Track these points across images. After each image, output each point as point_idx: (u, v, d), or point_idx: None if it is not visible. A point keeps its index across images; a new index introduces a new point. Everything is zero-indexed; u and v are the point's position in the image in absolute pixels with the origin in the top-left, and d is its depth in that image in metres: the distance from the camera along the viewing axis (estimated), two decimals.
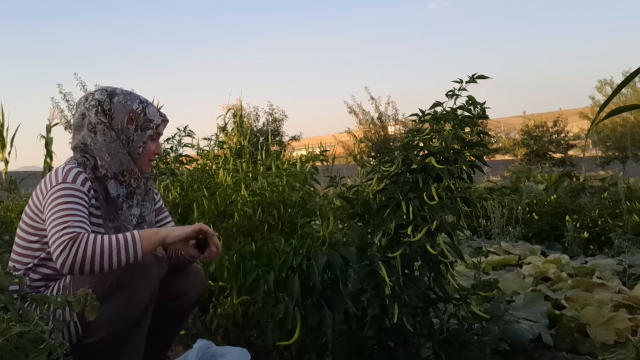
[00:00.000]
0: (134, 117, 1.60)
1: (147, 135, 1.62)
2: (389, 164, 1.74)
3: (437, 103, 1.76)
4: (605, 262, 3.24)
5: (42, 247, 1.52)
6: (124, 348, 1.52)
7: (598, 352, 2.07)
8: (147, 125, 1.62)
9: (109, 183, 1.57)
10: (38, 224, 1.52)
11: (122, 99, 1.60)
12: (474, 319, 1.83)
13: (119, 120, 1.59)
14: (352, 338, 1.77)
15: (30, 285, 1.51)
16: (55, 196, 1.47)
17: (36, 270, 1.53)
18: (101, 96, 1.59)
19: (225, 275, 2.09)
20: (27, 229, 1.55)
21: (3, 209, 4.59)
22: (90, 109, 1.58)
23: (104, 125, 1.57)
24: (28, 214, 1.55)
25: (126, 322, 1.48)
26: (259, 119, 18.75)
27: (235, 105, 3.65)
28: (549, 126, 25.34)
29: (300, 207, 2.30)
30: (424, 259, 1.71)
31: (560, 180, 8.91)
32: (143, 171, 1.66)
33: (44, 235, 1.49)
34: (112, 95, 1.60)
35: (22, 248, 1.55)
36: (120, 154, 1.57)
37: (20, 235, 1.56)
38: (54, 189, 1.48)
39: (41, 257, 1.53)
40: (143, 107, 1.62)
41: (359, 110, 22.61)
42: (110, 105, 1.59)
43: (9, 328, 0.99)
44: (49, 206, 1.46)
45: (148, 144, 1.63)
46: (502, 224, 4.81)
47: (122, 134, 1.59)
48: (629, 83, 1.46)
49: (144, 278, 1.48)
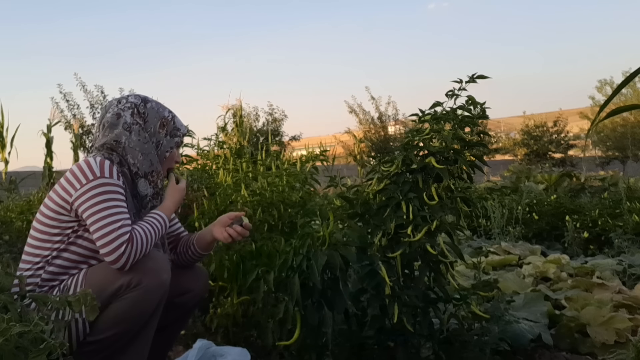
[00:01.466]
0: (165, 123, 1.71)
1: (174, 141, 1.74)
2: (389, 164, 1.74)
3: (437, 103, 1.76)
4: (605, 262, 3.24)
5: (62, 240, 1.55)
6: (130, 347, 1.54)
7: (598, 352, 2.07)
8: (175, 132, 1.74)
9: (140, 181, 1.65)
10: (63, 216, 1.54)
11: (155, 106, 1.71)
12: (474, 319, 1.83)
13: (152, 124, 1.68)
14: (352, 338, 1.77)
15: (44, 277, 1.53)
16: (96, 192, 1.50)
17: (52, 263, 1.54)
18: (136, 100, 1.69)
19: (225, 275, 2.09)
20: (48, 222, 1.55)
21: (3, 209, 4.59)
22: (126, 110, 1.66)
23: (139, 127, 1.66)
24: (50, 207, 1.55)
25: (134, 322, 1.50)
26: (259, 119, 18.72)
27: (235, 105, 3.65)
28: (549, 126, 25.33)
29: (300, 207, 2.30)
30: (424, 259, 1.71)
31: (560, 180, 8.91)
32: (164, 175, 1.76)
33: (68, 227, 1.54)
34: (146, 101, 1.71)
35: (40, 241, 1.56)
36: (152, 155, 1.67)
37: (38, 228, 1.57)
38: (92, 184, 1.50)
39: (60, 249, 1.55)
40: (172, 116, 1.74)
41: (359, 110, 22.60)
42: (145, 110, 1.68)
43: (9, 328, 0.99)
44: (90, 203, 1.48)
45: (174, 150, 1.74)
46: (502, 224, 4.80)
47: (154, 137, 1.69)
48: (629, 83, 1.46)
49: (155, 280, 1.51)
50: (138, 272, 1.48)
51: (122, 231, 1.48)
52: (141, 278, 1.48)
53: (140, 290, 1.48)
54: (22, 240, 3.88)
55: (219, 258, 2.12)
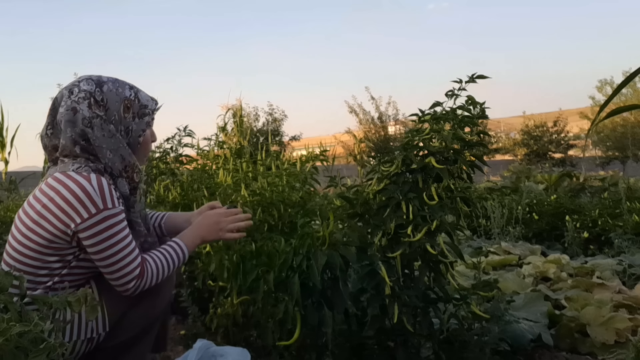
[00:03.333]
0: (129, 105, 1.46)
1: (144, 122, 1.51)
2: (389, 164, 1.74)
3: (437, 103, 1.76)
4: (605, 262, 3.24)
5: (63, 266, 1.41)
6: (133, 348, 1.54)
7: (598, 352, 2.07)
8: (143, 111, 1.50)
9: (119, 181, 1.46)
10: (60, 244, 1.38)
11: (113, 87, 1.45)
12: (474, 319, 1.83)
13: (115, 111, 1.43)
14: (352, 338, 1.77)
15: None
16: (101, 227, 1.35)
17: (54, 288, 1.41)
18: (89, 86, 1.42)
19: (225, 275, 2.09)
20: (44, 250, 1.38)
21: (3, 209, 4.59)
22: (81, 101, 1.40)
23: (100, 119, 1.41)
24: (40, 234, 1.37)
25: (139, 329, 1.52)
26: (259, 119, 18.75)
27: (235, 105, 3.65)
28: (549, 126, 25.36)
29: (300, 207, 2.30)
30: (424, 259, 1.70)
31: (560, 180, 8.91)
32: (141, 163, 1.57)
33: (68, 254, 1.40)
34: (100, 83, 1.43)
35: (37, 268, 1.39)
36: (122, 148, 1.44)
37: (31, 256, 1.38)
38: (96, 218, 1.34)
39: (62, 274, 1.42)
40: (134, 92, 1.49)
41: (359, 110, 22.64)
42: (102, 95, 1.42)
43: (9, 328, 0.99)
44: (96, 240, 1.36)
45: (146, 132, 1.53)
46: (502, 224, 4.80)
47: (120, 124, 1.45)
48: (629, 83, 1.46)
49: (170, 286, 1.53)
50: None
51: (131, 268, 1.39)
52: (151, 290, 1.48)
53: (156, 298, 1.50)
54: None
55: (219, 258, 2.12)
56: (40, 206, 1.38)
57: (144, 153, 1.57)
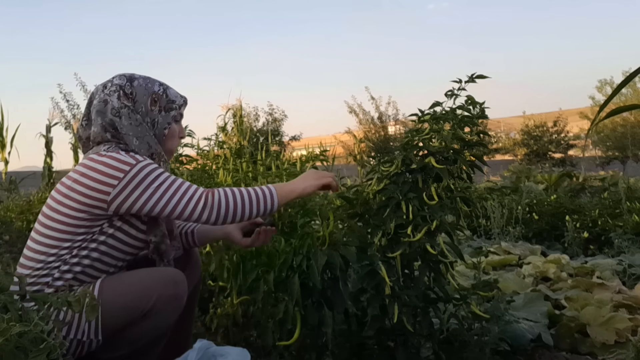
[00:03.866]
0: (157, 99, 1.57)
1: (170, 116, 1.60)
2: (389, 164, 1.74)
3: (437, 103, 1.76)
4: (605, 262, 3.24)
5: (85, 238, 1.44)
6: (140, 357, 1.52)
7: (598, 352, 2.07)
8: (170, 106, 1.60)
9: None
10: (94, 212, 1.42)
11: (143, 82, 1.57)
12: (474, 318, 1.83)
13: (142, 103, 1.55)
14: (352, 338, 1.77)
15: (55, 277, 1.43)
16: (144, 174, 1.40)
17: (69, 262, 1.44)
18: (121, 81, 1.55)
19: (225, 275, 2.09)
20: (71, 221, 1.42)
21: (3, 209, 4.59)
22: (112, 94, 1.53)
23: (128, 109, 1.52)
24: (73, 206, 1.42)
25: (146, 344, 1.48)
26: (259, 119, 18.75)
27: (235, 105, 3.65)
28: (549, 126, 25.34)
29: (300, 207, 2.30)
30: (424, 259, 1.70)
31: (560, 180, 8.91)
32: (169, 155, 1.64)
33: (96, 225, 1.44)
34: (132, 79, 1.57)
35: (61, 241, 1.43)
36: (148, 136, 1.53)
37: (52, 227, 1.43)
38: (134, 170, 1.40)
39: (82, 247, 1.44)
40: (164, 88, 1.60)
41: (359, 110, 22.62)
42: (132, 89, 1.55)
43: (9, 328, 0.99)
44: (142, 187, 1.40)
45: (172, 125, 1.61)
46: (502, 224, 4.80)
47: (147, 116, 1.56)
48: (629, 83, 1.46)
49: (174, 309, 1.47)
50: (160, 297, 1.42)
51: (194, 188, 1.43)
52: (162, 305, 1.42)
53: (159, 318, 1.44)
54: (22, 240, 3.89)
55: (219, 258, 2.12)
56: (71, 181, 1.44)
57: (170, 146, 1.63)
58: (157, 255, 1.58)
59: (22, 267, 1.46)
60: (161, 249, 1.58)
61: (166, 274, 1.48)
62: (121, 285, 1.45)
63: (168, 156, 1.64)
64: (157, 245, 1.57)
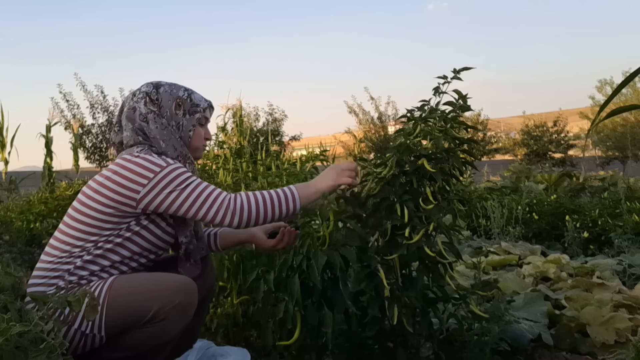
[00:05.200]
0: (181, 103, 1.65)
1: (195, 119, 1.67)
2: (382, 167, 1.71)
3: (424, 102, 1.72)
4: (605, 262, 3.23)
5: (111, 233, 1.51)
6: None
7: (598, 352, 2.07)
8: (194, 109, 1.67)
9: None
10: (124, 210, 1.50)
11: (168, 88, 1.66)
12: (474, 318, 1.83)
13: (167, 108, 1.63)
14: (352, 338, 1.77)
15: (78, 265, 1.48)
16: (172, 176, 1.49)
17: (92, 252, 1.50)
18: (147, 88, 1.65)
19: (225, 275, 2.09)
20: (101, 216, 1.50)
21: (3, 209, 4.59)
22: (139, 101, 1.63)
23: (154, 114, 1.61)
24: (104, 202, 1.49)
25: (153, 348, 1.48)
26: (259, 119, 18.73)
27: (235, 105, 3.65)
28: (549, 126, 25.34)
29: None
30: (422, 260, 1.70)
31: (560, 180, 8.90)
32: (195, 157, 1.71)
33: (124, 222, 1.52)
34: (158, 86, 1.66)
35: (88, 235, 1.50)
36: (173, 139, 1.61)
37: (83, 221, 1.51)
38: (164, 172, 1.49)
39: (107, 240, 1.51)
40: (188, 93, 1.68)
41: (359, 110, 22.64)
42: (158, 95, 1.64)
43: (9, 328, 0.99)
44: (170, 188, 1.48)
45: (197, 128, 1.68)
46: (502, 224, 4.80)
47: (172, 120, 1.64)
48: (629, 83, 1.46)
49: (182, 317, 1.47)
50: (166, 305, 1.43)
51: (218, 192, 1.51)
52: (168, 313, 1.43)
53: (165, 326, 1.44)
54: (22, 240, 3.88)
55: (219, 258, 2.12)
56: (103, 178, 1.52)
57: (195, 148, 1.70)
58: (184, 255, 1.63)
59: (47, 254, 1.53)
60: (189, 249, 1.63)
61: (178, 283, 1.49)
62: (130, 285, 1.47)
63: (195, 157, 1.71)
64: (187, 246, 1.62)
